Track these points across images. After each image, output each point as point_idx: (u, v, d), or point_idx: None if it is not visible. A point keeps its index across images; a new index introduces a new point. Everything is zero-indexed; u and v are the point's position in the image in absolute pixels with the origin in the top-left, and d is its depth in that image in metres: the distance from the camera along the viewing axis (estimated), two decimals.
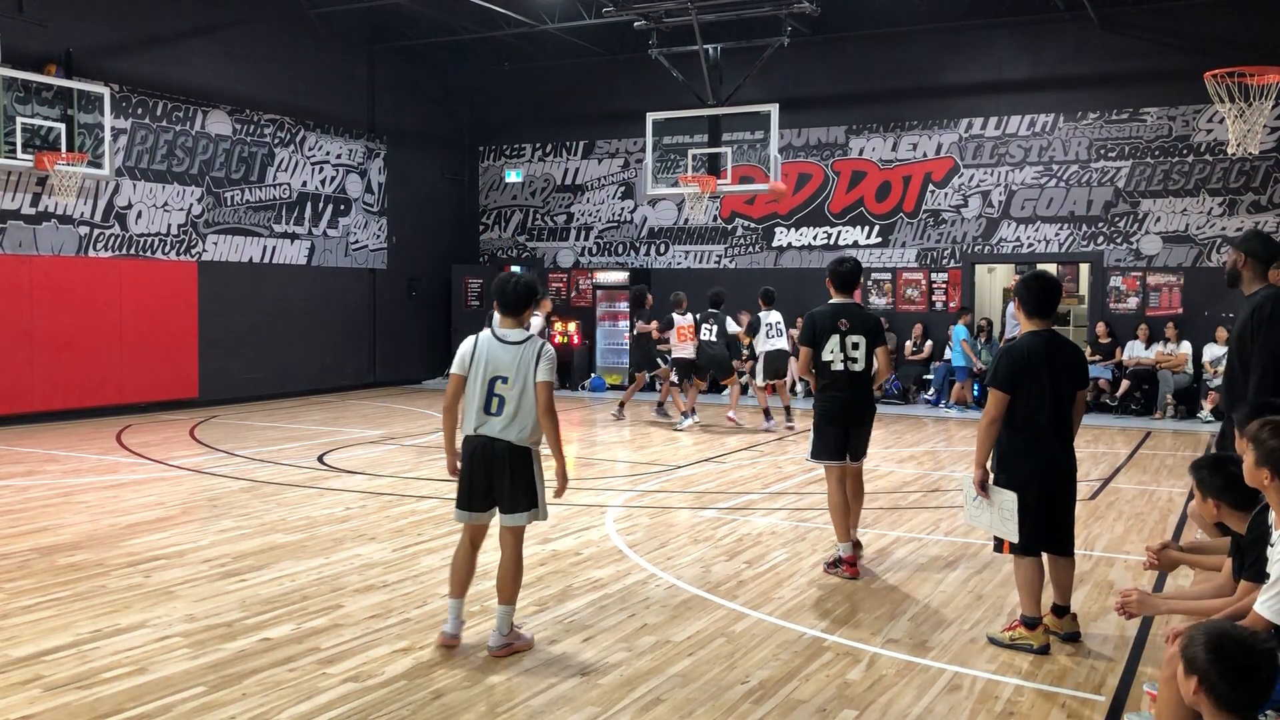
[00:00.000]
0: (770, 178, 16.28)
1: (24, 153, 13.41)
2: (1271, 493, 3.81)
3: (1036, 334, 5.54)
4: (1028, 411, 5.43)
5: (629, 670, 5.20)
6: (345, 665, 5.21)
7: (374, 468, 11.02)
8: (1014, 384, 5.43)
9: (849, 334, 6.94)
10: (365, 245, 19.71)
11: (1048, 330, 5.58)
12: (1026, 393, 5.42)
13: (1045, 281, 5.64)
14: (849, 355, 6.94)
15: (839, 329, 6.94)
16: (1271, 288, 5.85)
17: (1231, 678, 2.94)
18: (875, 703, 4.81)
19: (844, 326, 6.94)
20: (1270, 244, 5.97)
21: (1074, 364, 5.57)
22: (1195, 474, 4.59)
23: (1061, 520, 5.54)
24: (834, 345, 6.93)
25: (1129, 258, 16.86)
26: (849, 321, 6.96)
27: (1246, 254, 5.90)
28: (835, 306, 7.07)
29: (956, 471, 11.15)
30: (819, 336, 6.95)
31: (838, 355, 6.94)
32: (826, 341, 6.94)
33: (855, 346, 6.94)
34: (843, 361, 6.94)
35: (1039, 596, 5.53)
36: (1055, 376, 5.43)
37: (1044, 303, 5.58)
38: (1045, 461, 5.46)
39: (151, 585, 6.62)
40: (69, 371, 14.66)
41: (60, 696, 4.78)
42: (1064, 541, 5.57)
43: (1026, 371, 5.42)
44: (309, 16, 18.11)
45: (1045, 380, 5.42)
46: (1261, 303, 5.75)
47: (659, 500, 9.53)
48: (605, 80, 20.52)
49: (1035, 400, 5.42)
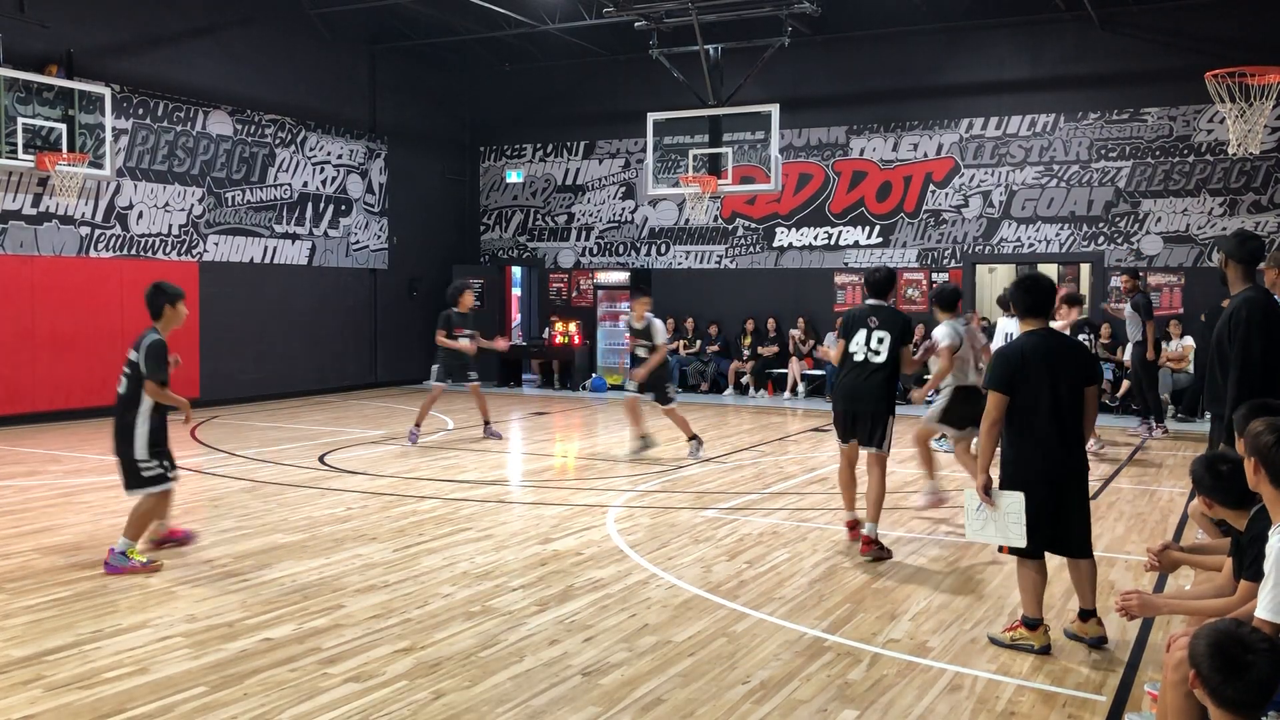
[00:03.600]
0: (770, 178, 16.30)
1: (25, 153, 13.42)
2: (1264, 487, 3.79)
3: (1033, 334, 5.54)
4: (1027, 412, 5.41)
5: (630, 670, 5.20)
6: (346, 665, 5.21)
7: (375, 468, 11.03)
8: (1010, 385, 5.41)
9: (876, 330, 7.54)
10: (366, 245, 19.72)
11: (1045, 329, 5.56)
12: (1024, 394, 5.40)
13: (1034, 281, 5.65)
14: (871, 348, 7.53)
15: (868, 325, 7.57)
16: (1250, 290, 5.95)
17: (1223, 671, 2.95)
18: (876, 703, 4.81)
19: (873, 323, 7.56)
20: (1245, 244, 6.03)
21: (1076, 361, 5.52)
22: (1193, 473, 4.60)
23: (1072, 521, 5.48)
24: (860, 338, 7.57)
25: (1130, 258, 16.86)
26: (878, 319, 7.58)
27: (1226, 255, 6.03)
28: (869, 306, 7.72)
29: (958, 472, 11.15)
30: (850, 329, 7.63)
31: (861, 347, 7.56)
32: (855, 334, 7.59)
33: (880, 341, 7.52)
34: (864, 353, 7.55)
35: (1040, 598, 5.52)
36: (1055, 376, 5.40)
37: (1036, 302, 5.58)
38: (1048, 463, 5.41)
39: (153, 585, 6.63)
40: (70, 372, 14.67)
41: (61, 696, 4.79)
42: (1078, 543, 5.53)
43: (1022, 372, 5.41)
44: (310, 17, 18.13)
45: (1044, 380, 5.39)
46: (1239, 307, 5.86)
47: (660, 500, 9.54)
48: (606, 80, 20.53)
49: (1033, 401, 5.39)
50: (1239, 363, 5.78)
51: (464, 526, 8.36)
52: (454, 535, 8.05)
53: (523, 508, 9.27)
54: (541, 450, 12.83)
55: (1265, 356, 5.75)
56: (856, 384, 7.57)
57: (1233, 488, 4.16)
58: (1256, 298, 5.89)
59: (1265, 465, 3.73)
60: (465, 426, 14.26)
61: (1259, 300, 5.87)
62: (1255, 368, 5.75)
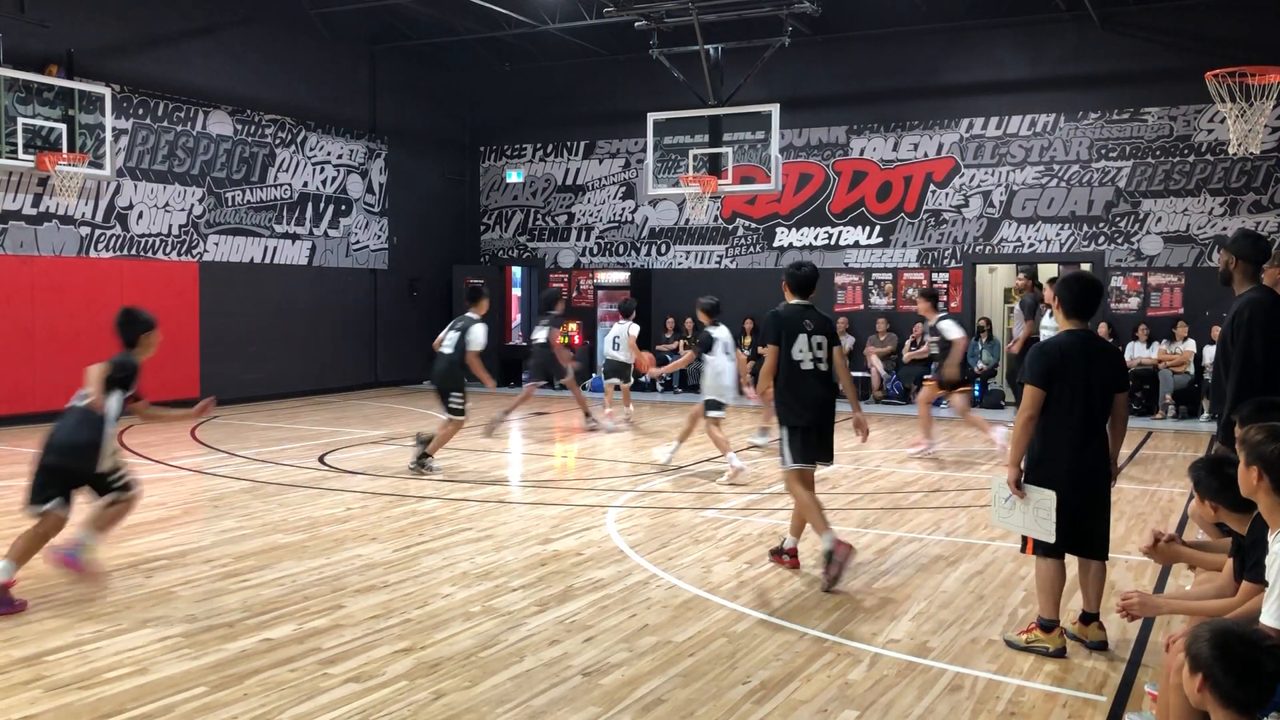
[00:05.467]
0: (771, 178, 16.29)
1: (25, 153, 13.41)
2: (1262, 495, 3.77)
3: (1073, 333, 5.52)
4: (1060, 410, 5.40)
5: (630, 670, 5.20)
6: (346, 665, 5.21)
7: (375, 468, 11.03)
8: (1048, 382, 5.40)
9: (814, 334, 6.94)
10: (366, 245, 19.72)
11: (1085, 330, 5.55)
12: (1060, 391, 5.39)
13: (1086, 282, 5.62)
14: (815, 355, 6.93)
15: (805, 329, 6.93)
16: (1255, 290, 5.91)
17: (1235, 673, 2.93)
18: (876, 703, 4.81)
19: (809, 327, 6.94)
20: (1259, 244, 6.02)
21: (1111, 366, 5.52)
22: (1193, 475, 4.58)
23: (1092, 523, 5.49)
24: (802, 344, 6.91)
25: (1130, 258, 16.86)
26: (813, 322, 6.98)
27: (1236, 255, 5.97)
28: (799, 307, 7.05)
29: (958, 472, 11.16)
30: (789, 333, 6.91)
31: (806, 354, 6.90)
32: (796, 339, 6.91)
33: (820, 346, 6.94)
34: (810, 361, 6.91)
35: (1058, 599, 5.51)
36: (1089, 377, 5.40)
37: (1084, 303, 5.56)
38: (1076, 463, 5.41)
39: (153, 586, 6.63)
40: (70, 372, 14.54)
41: (62, 697, 4.78)
42: (1095, 545, 5.54)
43: (1061, 370, 5.40)
44: (310, 17, 18.12)
45: (1079, 380, 5.39)
46: (1242, 307, 5.84)
47: (660, 500, 9.54)
48: (606, 80, 20.52)
49: (1069, 399, 5.39)
50: (1240, 363, 5.75)
51: (464, 527, 8.36)
52: (454, 535, 8.05)
53: (523, 508, 9.27)
54: (541, 450, 12.82)
55: (1267, 357, 5.73)
56: (825, 396, 6.93)
57: (1238, 491, 4.15)
58: (1260, 298, 5.85)
59: (1269, 473, 3.71)
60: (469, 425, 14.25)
61: (1263, 301, 5.84)
62: (1257, 369, 5.72)
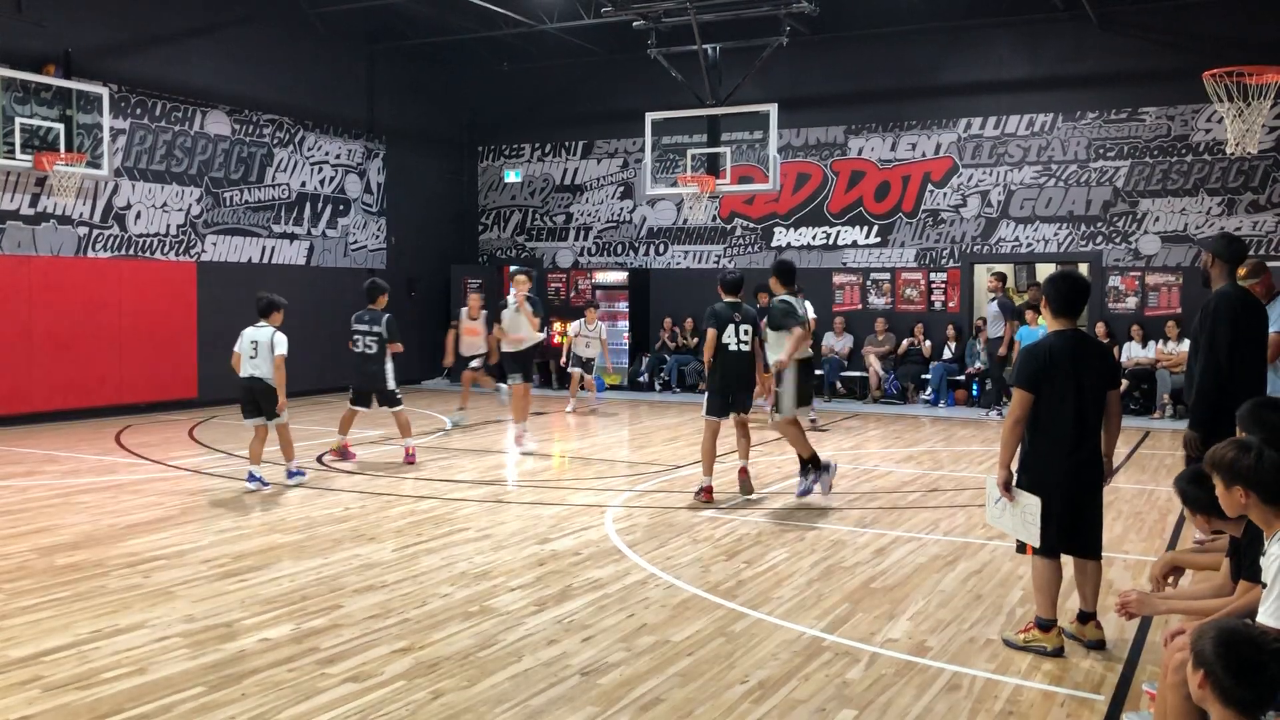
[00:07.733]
0: (769, 178, 16.30)
1: (23, 153, 13.42)
2: (1254, 510, 3.74)
3: (1061, 334, 5.49)
4: (1051, 412, 5.38)
5: (628, 670, 5.20)
6: (345, 665, 5.21)
7: (373, 468, 11.02)
8: (1035, 385, 5.38)
9: (741, 324, 9.40)
10: (364, 245, 19.71)
11: (1073, 330, 5.52)
12: (1049, 393, 5.37)
13: (1073, 280, 5.61)
14: (740, 339, 9.39)
15: (734, 320, 9.38)
16: (1226, 286, 6.28)
17: (1237, 672, 2.93)
18: (875, 702, 4.82)
19: (737, 318, 9.40)
20: (1235, 245, 6.41)
21: (1102, 364, 5.51)
22: (1179, 490, 4.55)
23: (1086, 523, 5.49)
24: (730, 332, 9.36)
25: (1128, 257, 16.87)
26: (741, 315, 9.44)
27: (1214, 255, 6.32)
28: (729, 304, 9.45)
29: (956, 471, 11.16)
30: (720, 324, 9.34)
31: (732, 338, 9.35)
32: (725, 329, 9.34)
33: (746, 332, 9.42)
34: (735, 343, 9.36)
35: (1055, 599, 5.51)
36: (1079, 377, 5.37)
37: (1071, 302, 5.55)
38: (1068, 463, 5.39)
39: (151, 585, 6.62)
40: (68, 372, 14.66)
41: (60, 697, 4.78)
42: (1089, 545, 5.53)
43: (1049, 372, 5.37)
44: (308, 16, 18.11)
45: (1069, 381, 5.36)
46: (1211, 300, 6.21)
47: (658, 500, 9.54)
48: (604, 80, 20.52)
49: (1058, 401, 5.36)
50: (1206, 350, 6.09)
51: (462, 526, 8.36)
52: (452, 535, 8.05)
53: (521, 508, 9.27)
54: (539, 450, 12.82)
55: (1232, 348, 6.05)
56: (740, 368, 9.40)
57: None
58: (1230, 292, 6.20)
59: (1255, 488, 3.69)
60: (472, 424, 14.26)
61: (1231, 295, 6.18)
62: (1222, 356, 6.04)
